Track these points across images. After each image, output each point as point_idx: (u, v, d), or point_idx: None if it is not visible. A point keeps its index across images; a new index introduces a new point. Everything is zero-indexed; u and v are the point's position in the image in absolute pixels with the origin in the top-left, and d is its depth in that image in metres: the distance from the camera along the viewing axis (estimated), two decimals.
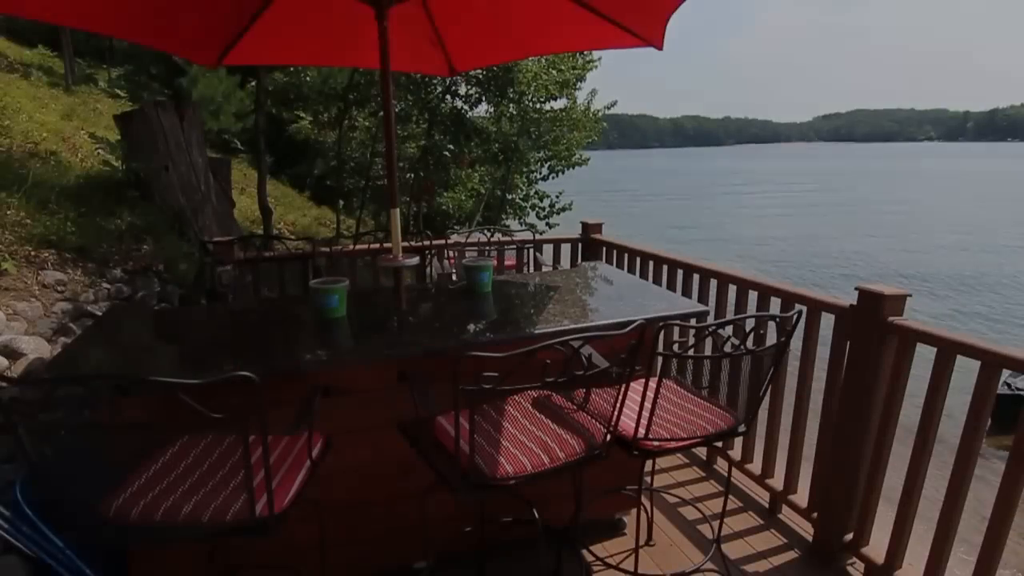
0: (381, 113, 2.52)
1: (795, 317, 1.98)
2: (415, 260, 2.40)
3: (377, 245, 3.71)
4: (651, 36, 2.67)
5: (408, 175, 10.23)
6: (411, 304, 2.53)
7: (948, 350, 2.05)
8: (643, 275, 3.66)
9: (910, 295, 2.28)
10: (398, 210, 2.39)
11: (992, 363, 1.93)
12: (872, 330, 2.24)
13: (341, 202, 11.45)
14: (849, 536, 2.44)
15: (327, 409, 1.95)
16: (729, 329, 1.87)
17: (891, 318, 2.21)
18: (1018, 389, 7.65)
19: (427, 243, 3.85)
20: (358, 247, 3.72)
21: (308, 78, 9.81)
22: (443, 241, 3.98)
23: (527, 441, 1.74)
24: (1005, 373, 2.38)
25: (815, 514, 2.59)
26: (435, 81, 9.23)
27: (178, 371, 1.85)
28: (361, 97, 9.68)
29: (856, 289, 2.33)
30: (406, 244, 3.80)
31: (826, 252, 22.60)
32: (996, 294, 15.93)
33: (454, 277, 3.85)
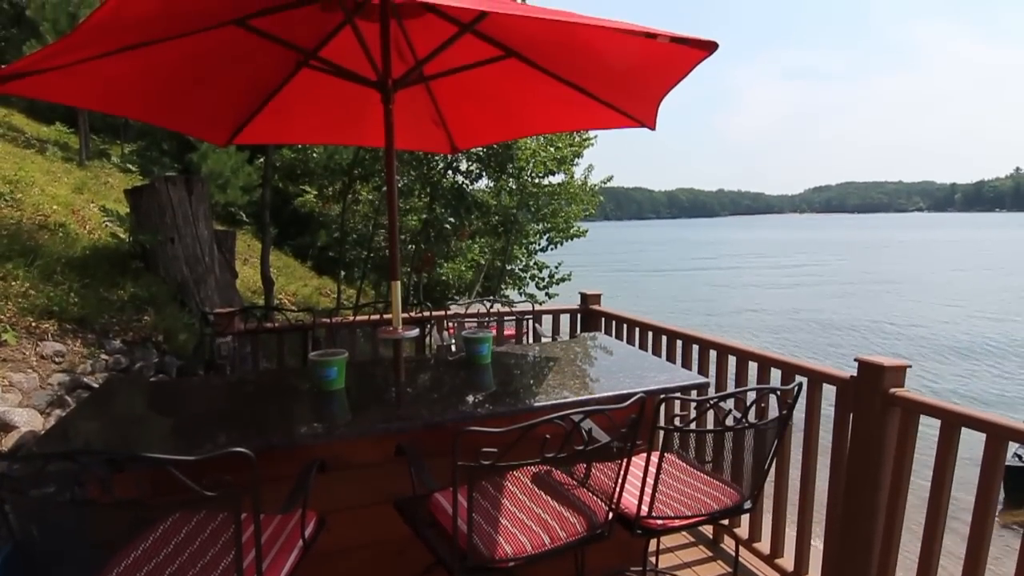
0: (385, 188, 2.60)
1: (796, 389, 1.97)
2: (415, 332, 2.41)
3: (377, 316, 3.73)
4: (644, 117, 2.79)
5: (410, 247, 10.39)
6: (410, 376, 2.52)
7: (952, 422, 2.03)
8: (642, 346, 3.66)
9: (910, 366, 2.27)
10: (399, 282, 2.42)
11: (998, 435, 1.90)
12: (874, 402, 2.22)
13: (343, 272, 11.58)
14: None
15: (322, 485, 1.90)
16: (731, 402, 1.86)
17: (892, 389, 2.19)
18: None
19: (427, 314, 3.87)
20: (358, 318, 3.74)
21: (315, 154, 10.15)
22: (443, 312, 4.01)
23: (527, 519, 1.69)
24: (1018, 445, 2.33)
25: None
26: (437, 157, 9.54)
27: (172, 445, 1.83)
28: (365, 172, 9.98)
29: (856, 360, 2.32)
30: (406, 315, 3.82)
31: (826, 324, 22.60)
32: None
33: (453, 348, 3.85)
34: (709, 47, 1.99)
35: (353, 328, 3.74)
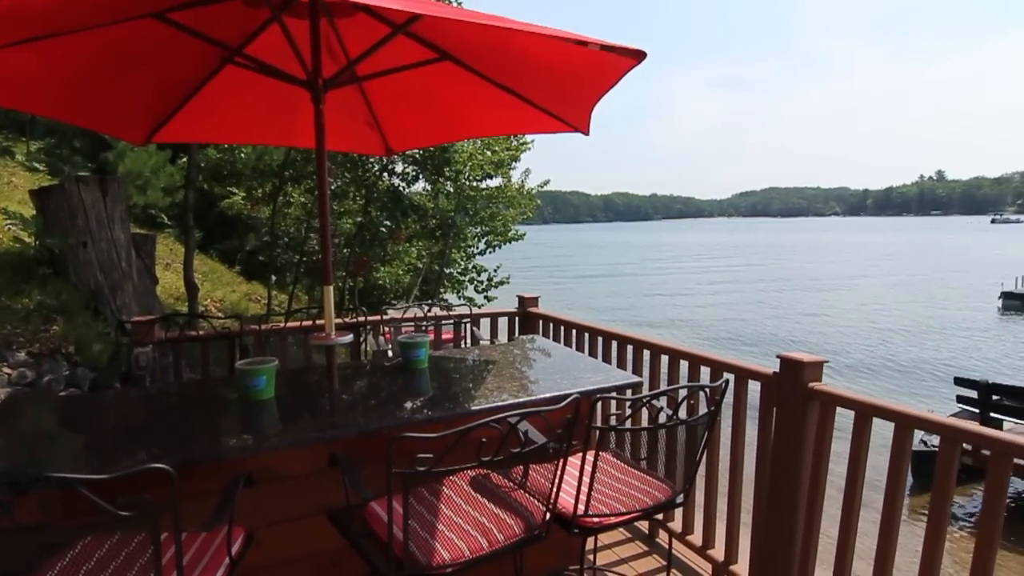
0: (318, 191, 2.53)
1: (723, 386, 2.05)
2: (348, 338, 2.35)
3: (310, 322, 3.62)
4: (577, 122, 2.84)
5: (344, 250, 10.16)
6: (344, 383, 2.46)
7: (865, 413, 2.16)
8: (579, 347, 3.72)
9: (827, 361, 2.41)
10: (331, 287, 2.36)
11: (905, 424, 2.05)
12: (795, 396, 2.34)
13: (273, 277, 11.17)
14: None
15: (250, 499, 1.83)
16: (664, 400, 1.91)
17: (811, 384, 2.32)
18: (933, 446, 8.06)
19: (362, 319, 3.79)
20: (289, 324, 3.62)
21: (243, 154, 9.75)
22: (378, 317, 3.93)
23: (464, 524, 1.68)
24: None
25: None
26: (372, 159, 9.38)
27: (84, 463, 1.70)
28: (297, 173, 9.68)
29: (778, 357, 2.44)
30: (340, 321, 3.73)
31: (753, 322, 23.71)
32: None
33: (390, 353, 3.79)
34: (637, 56, 2.05)
35: (284, 335, 3.61)
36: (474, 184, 10.72)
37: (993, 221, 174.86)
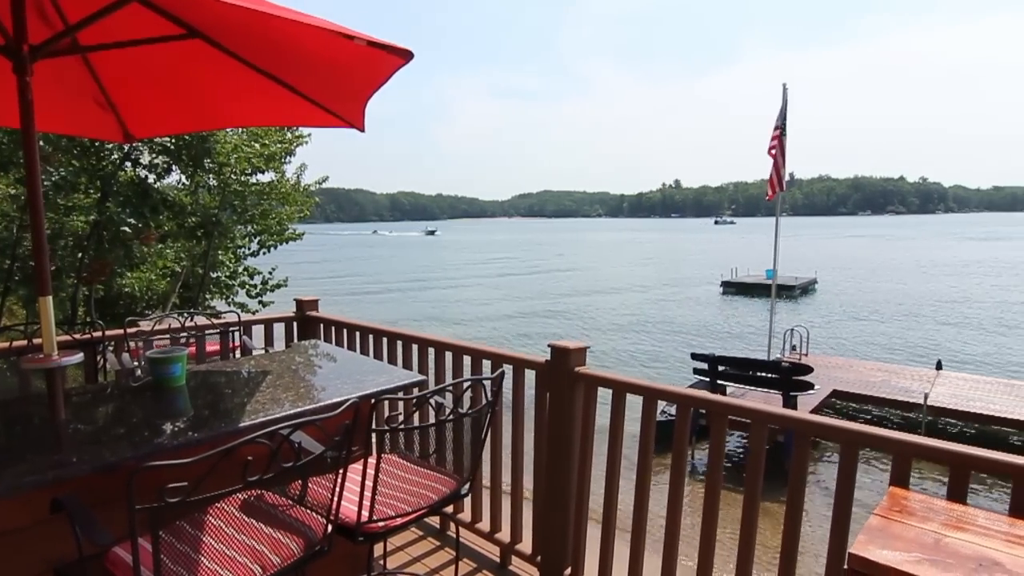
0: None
1: (500, 376, 2.16)
2: (77, 357, 1.97)
3: (25, 341, 2.97)
4: (351, 118, 2.74)
5: (77, 253, 8.52)
6: (75, 412, 2.05)
7: (620, 390, 2.46)
8: (363, 350, 3.62)
9: (590, 347, 2.68)
10: (50, 298, 1.96)
11: (650, 396, 2.37)
12: (564, 380, 2.56)
13: None
14: (568, 571, 2.66)
15: None
16: (449, 396, 1.95)
17: (577, 368, 2.56)
18: (671, 415, 9.45)
19: (99, 334, 3.22)
20: None
21: None
22: (122, 331, 3.36)
23: (232, 552, 1.52)
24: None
25: (539, 557, 2.78)
26: (110, 146, 8.02)
27: None
28: (3, 159, 7.85)
29: (549, 346, 2.65)
30: (68, 338, 3.12)
31: (534, 311, 25.97)
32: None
33: (139, 372, 3.27)
34: (405, 55, 2.06)
35: None
36: (242, 179, 9.77)
37: (716, 223, 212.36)
